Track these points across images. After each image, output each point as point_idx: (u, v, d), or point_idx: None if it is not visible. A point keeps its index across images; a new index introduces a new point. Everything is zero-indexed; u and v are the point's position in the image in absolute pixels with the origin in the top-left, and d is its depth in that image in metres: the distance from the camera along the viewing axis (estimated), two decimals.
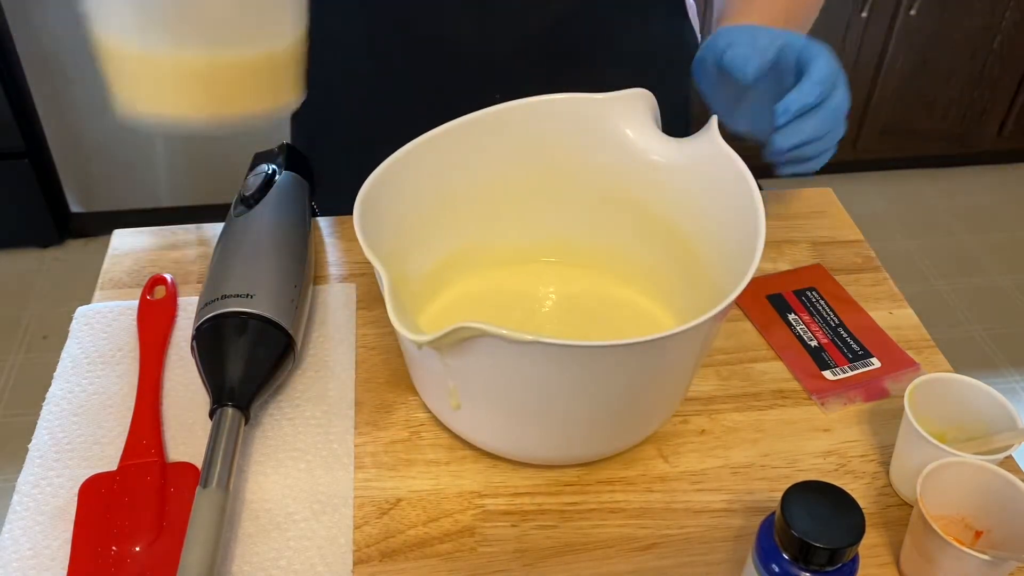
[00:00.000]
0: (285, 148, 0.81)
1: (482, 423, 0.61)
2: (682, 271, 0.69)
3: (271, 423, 0.66)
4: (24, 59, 1.90)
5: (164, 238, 0.84)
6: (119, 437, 0.65)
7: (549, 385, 0.55)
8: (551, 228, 0.74)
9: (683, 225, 0.68)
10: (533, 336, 0.50)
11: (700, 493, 0.63)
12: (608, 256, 0.74)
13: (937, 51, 2.22)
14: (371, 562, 0.58)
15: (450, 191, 0.68)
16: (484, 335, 0.51)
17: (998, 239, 2.31)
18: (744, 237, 0.60)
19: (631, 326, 0.71)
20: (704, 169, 0.65)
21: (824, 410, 0.68)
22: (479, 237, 0.72)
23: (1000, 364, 1.98)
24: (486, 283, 0.73)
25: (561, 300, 0.73)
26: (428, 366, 0.60)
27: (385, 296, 0.53)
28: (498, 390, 0.57)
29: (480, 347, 0.52)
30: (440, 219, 0.69)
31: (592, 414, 0.58)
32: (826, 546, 0.47)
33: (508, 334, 0.50)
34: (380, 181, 0.62)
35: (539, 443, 0.61)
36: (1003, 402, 0.60)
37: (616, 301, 0.73)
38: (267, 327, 0.65)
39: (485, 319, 0.68)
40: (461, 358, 0.54)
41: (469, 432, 0.63)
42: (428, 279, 0.70)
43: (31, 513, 0.60)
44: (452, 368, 0.56)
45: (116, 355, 0.71)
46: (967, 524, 0.57)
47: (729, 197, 0.63)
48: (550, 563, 0.58)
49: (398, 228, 0.65)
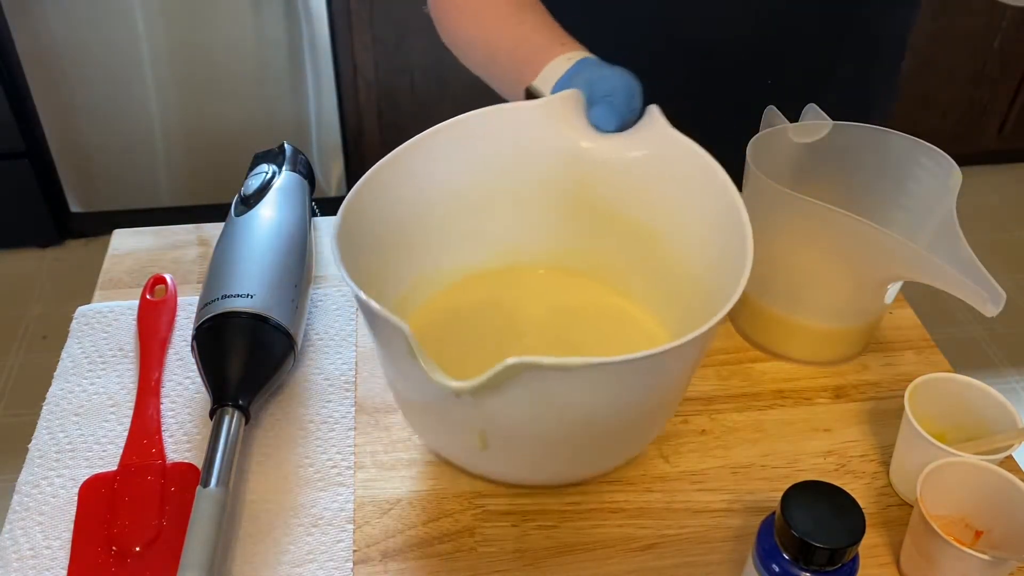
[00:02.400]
0: (285, 148, 0.81)
1: (513, 459, 0.57)
2: (665, 273, 0.67)
3: (271, 423, 0.66)
4: (24, 59, 1.90)
5: (164, 238, 0.84)
6: (119, 437, 0.65)
7: (592, 405, 0.53)
8: (528, 237, 0.71)
9: (657, 225, 0.66)
10: (582, 360, 0.47)
11: (700, 493, 0.63)
12: (587, 263, 0.72)
13: (937, 51, 2.22)
14: (371, 562, 0.58)
15: (424, 205, 0.66)
16: (535, 368, 0.47)
17: (998, 239, 2.31)
18: (725, 233, 0.59)
19: (618, 331, 0.69)
20: (666, 162, 0.64)
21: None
22: (454, 252, 0.70)
23: (1000, 364, 1.98)
24: (461, 298, 0.71)
25: (543, 310, 0.71)
26: (449, 411, 0.54)
27: (413, 348, 0.48)
28: (535, 420, 0.53)
29: (522, 380, 0.48)
30: (413, 237, 0.66)
31: (620, 424, 0.56)
32: (826, 546, 0.47)
33: (562, 362, 0.47)
34: (352, 208, 0.59)
35: (569, 466, 0.59)
36: (1003, 402, 0.60)
37: (599, 308, 0.71)
38: (267, 327, 0.65)
39: (469, 334, 0.67)
40: (498, 396, 0.49)
41: (499, 471, 0.60)
42: (404, 297, 0.67)
43: (31, 513, 0.60)
44: (485, 409, 0.51)
45: (116, 355, 0.71)
46: (967, 524, 0.57)
47: (699, 188, 0.62)
48: (550, 563, 0.58)
49: (375, 251, 0.62)
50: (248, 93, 2.00)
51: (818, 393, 0.70)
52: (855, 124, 0.71)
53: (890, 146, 0.71)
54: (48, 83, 1.94)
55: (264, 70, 1.96)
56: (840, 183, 0.73)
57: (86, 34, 1.86)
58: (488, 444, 0.55)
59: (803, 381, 0.71)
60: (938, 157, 0.68)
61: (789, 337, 0.72)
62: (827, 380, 0.71)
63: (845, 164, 0.73)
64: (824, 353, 0.72)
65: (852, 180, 0.73)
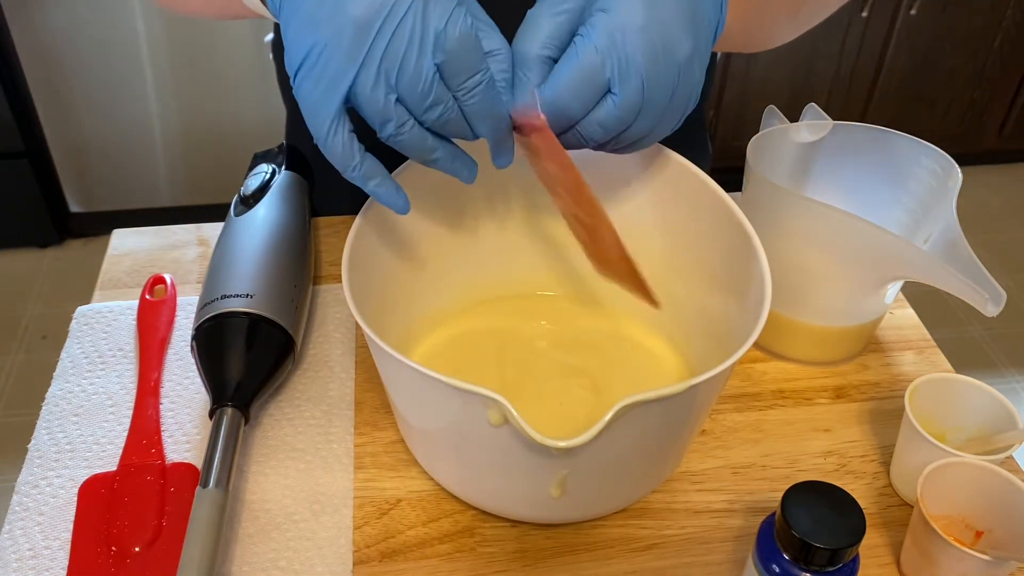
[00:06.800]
0: (285, 148, 0.81)
1: (588, 499, 0.56)
2: (669, 296, 0.67)
3: (271, 423, 0.66)
4: (24, 59, 1.90)
5: (164, 238, 0.83)
6: (119, 437, 0.65)
7: (667, 428, 0.53)
8: (536, 260, 0.71)
9: (659, 246, 0.66)
10: (681, 386, 0.47)
11: (700, 493, 0.63)
12: (595, 285, 0.71)
13: (937, 51, 2.22)
14: (371, 562, 0.58)
15: (434, 226, 0.66)
16: (645, 404, 0.46)
17: (998, 239, 2.31)
18: (732, 255, 0.59)
19: (626, 357, 0.69)
20: (668, 185, 0.64)
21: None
22: (466, 274, 0.70)
23: (1000, 364, 1.98)
24: (475, 322, 0.70)
25: (555, 336, 0.71)
26: (525, 464, 0.51)
27: (519, 424, 0.46)
28: (617, 454, 0.52)
29: (620, 421, 0.47)
30: (416, 266, 0.66)
31: (675, 442, 0.57)
32: (826, 546, 0.47)
33: (663, 393, 0.46)
34: (360, 232, 0.59)
35: (632, 492, 0.59)
36: (1003, 402, 0.60)
37: (603, 333, 0.70)
38: (267, 327, 0.65)
39: (478, 362, 0.66)
40: (594, 441, 0.47)
41: (575, 512, 0.58)
42: (413, 325, 0.67)
43: (31, 513, 0.60)
44: (574, 455, 0.49)
45: (116, 355, 0.71)
46: (967, 524, 0.57)
47: (694, 203, 0.62)
48: (550, 563, 0.58)
49: (382, 279, 0.62)
50: (248, 93, 2.00)
51: (818, 393, 0.70)
52: (855, 124, 0.71)
53: (890, 146, 0.71)
54: (48, 83, 1.94)
55: (264, 70, 1.96)
56: (840, 183, 0.73)
57: (86, 34, 1.86)
58: (567, 490, 0.53)
59: (803, 381, 0.71)
60: (938, 157, 0.68)
61: (789, 337, 0.72)
62: (827, 380, 0.71)
63: (845, 164, 0.73)
64: (824, 353, 0.72)
65: (852, 180, 0.73)
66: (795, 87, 2.19)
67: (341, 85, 0.47)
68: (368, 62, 0.46)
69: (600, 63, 0.49)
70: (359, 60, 0.46)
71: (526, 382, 0.66)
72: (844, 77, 2.21)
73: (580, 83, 0.49)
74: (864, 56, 2.19)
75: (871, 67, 2.22)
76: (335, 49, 0.46)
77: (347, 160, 0.50)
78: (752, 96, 2.19)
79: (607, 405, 0.46)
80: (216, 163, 2.09)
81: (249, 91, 2.00)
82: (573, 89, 0.50)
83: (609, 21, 0.49)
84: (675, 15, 0.49)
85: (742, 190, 0.70)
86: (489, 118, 0.51)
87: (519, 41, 0.51)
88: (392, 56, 0.46)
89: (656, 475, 0.60)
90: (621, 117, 0.50)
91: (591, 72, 0.49)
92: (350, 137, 0.50)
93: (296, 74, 0.49)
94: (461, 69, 0.48)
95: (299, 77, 0.49)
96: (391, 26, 0.46)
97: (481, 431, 0.50)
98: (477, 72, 0.48)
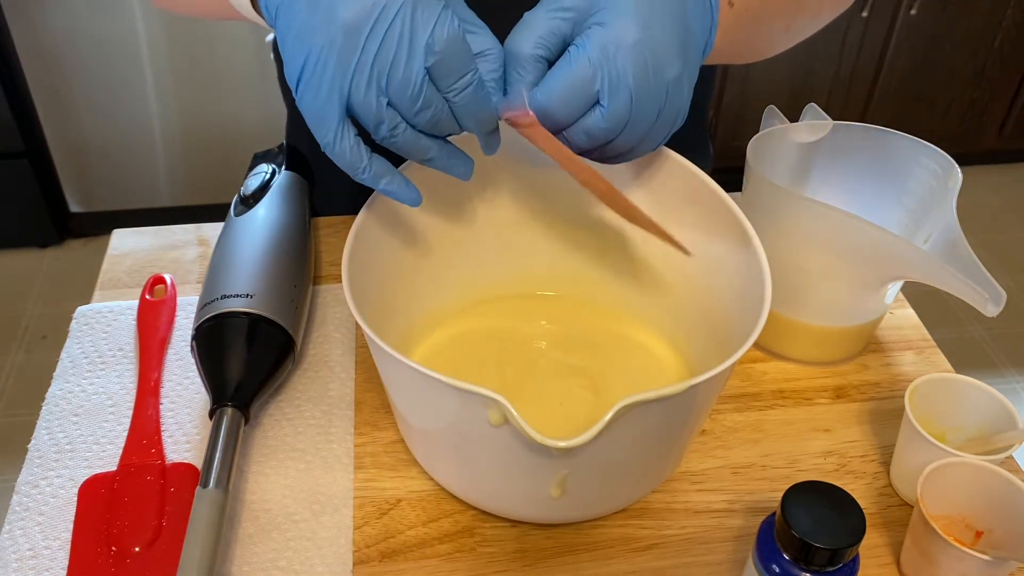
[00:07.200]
0: (285, 148, 0.81)
1: (588, 499, 0.56)
2: (668, 296, 0.67)
3: (271, 423, 0.66)
4: (24, 59, 1.90)
5: (164, 238, 0.83)
6: (119, 437, 0.65)
7: (667, 428, 0.53)
8: (535, 260, 0.71)
9: (657, 239, 0.64)
10: (685, 384, 0.48)
11: (700, 493, 0.63)
12: (589, 288, 0.71)
13: (937, 51, 2.22)
14: (371, 562, 0.58)
15: (434, 226, 0.65)
16: (645, 403, 0.47)
17: (998, 239, 2.31)
18: (733, 257, 0.59)
19: (630, 356, 0.69)
20: (667, 188, 0.64)
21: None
22: (466, 274, 0.69)
23: (1000, 364, 1.98)
24: (475, 322, 0.70)
25: (547, 335, 0.70)
26: (525, 464, 0.52)
27: (519, 424, 0.46)
28: (617, 454, 0.52)
29: (621, 421, 0.47)
30: (417, 265, 0.66)
31: (675, 442, 0.57)
32: (827, 546, 0.47)
33: (663, 393, 0.47)
34: (360, 233, 0.59)
35: (632, 492, 0.59)
36: (1003, 402, 0.60)
37: (603, 332, 0.70)
38: (267, 327, 0.65)
39: (478, 362, 0.66)
40: (594, 440, 0.47)
41: (575, 512, 0.58)
42: (409, 326, 0.67)
43: (31, 513, 0.60)
44: (574, 455, 0.49)
45: (116, 355, 0.71)
46: (967, 524, 0.57)
47: (694, 203, 0.62)
48: (550, 563, 0.58)
49: (379, 282, 0.61)
50: (248, 93, 2.00)
51: (818, 393, 0.70)
52: (855, 124, 0.71)
53: (890, 146, 0.71)
54: (48, 83, 1.94)
55: (264, 70, 1.96)
56: (840, 183, 0.73)
57: (86, 34, 1.86)
58: (567, 490, 0.53)
59: (803, 381, 0.71)
60: (938, 157, 0.68)
61: (789, 337, 0.72)
62: (827, 380, 0.71)
63: (845, 164, 0.73)
64: (824, 353, 0.72)
65: (852, 180, 0.73)
66: (795, 87, 2.19)
67: (340, 92, 0.48)
68: (360, 67, 0.47)
69: (592, 75, 0.50)
70: (352, 65, 0.47)
71: (526, 382, 0.66)
72: (844, 77, 2.21)
73: (571, 91, 0.50)
74: (864, 56, 2.19)
75: (871, 67, 2.22)
76: (329, 56, 0.47)
77: (356, 163, 0.52)
78: (752, 96, 2.19)
79: (607, 405, 0.46)
80: (216, 163, 2.09)
81: (249, 91, 1.99)
82: (564, 96, 0.51)
83: (604, 35, 0.50)
84: (667, 36, 0.51)
85: (742, 190, 0.70)
86: (477, 117, 0.52)
87: (512, 40, 0.52)
88: (382, 60, 0.47)
89: (656, 475, 0.60)
90: (607, 128, 0.51)
91: (582, 82, 0.50)
92: (356, 141, 0.51)
93: (297, 87, 0.50)
94: (450, 71, 0.49)
95: (300, 90, 0.50)
96: (381, 30, 0.47)
97: (481, 431, 0.50)
98: (466, 73, 0.49)
